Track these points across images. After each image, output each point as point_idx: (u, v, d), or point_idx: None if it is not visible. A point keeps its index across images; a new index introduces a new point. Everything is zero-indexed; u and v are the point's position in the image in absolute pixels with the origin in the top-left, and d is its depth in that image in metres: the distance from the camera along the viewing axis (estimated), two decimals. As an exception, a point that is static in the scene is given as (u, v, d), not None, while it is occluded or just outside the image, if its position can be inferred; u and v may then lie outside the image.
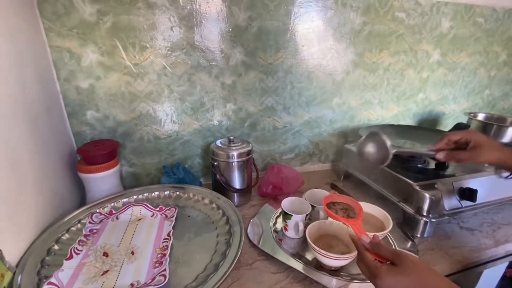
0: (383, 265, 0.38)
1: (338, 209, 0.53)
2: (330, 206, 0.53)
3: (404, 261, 0.36)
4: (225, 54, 0.76)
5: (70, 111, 0.70)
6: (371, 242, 0.41)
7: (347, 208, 0.53)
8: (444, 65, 1.02)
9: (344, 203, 0.55)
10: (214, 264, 0.49)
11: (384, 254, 0.39)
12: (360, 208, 0.51)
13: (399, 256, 0.37)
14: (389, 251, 0.39)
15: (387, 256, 0.38)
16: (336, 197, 0.55)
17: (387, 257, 0.38)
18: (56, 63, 0.66)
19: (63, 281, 0.44)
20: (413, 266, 0.36)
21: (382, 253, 0.39)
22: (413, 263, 0.36)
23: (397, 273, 0.36)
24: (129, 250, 0.52)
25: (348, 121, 0.98)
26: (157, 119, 0.77)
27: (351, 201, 0.54)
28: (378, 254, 0.39)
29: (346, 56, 0.88)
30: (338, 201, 0.55)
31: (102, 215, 0.62)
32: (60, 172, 0.65)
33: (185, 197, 0.71)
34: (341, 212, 0.52)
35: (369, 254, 0.40)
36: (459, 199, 0.66)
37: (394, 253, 0.38)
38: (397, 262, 0.37)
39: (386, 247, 0.40)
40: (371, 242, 0.41)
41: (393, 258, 0.38)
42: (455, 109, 1.13)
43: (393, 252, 0.38)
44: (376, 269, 0.37)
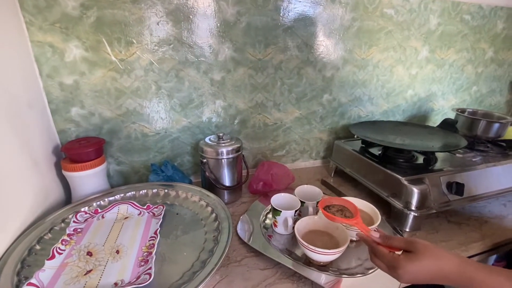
0: (400, 255, 0.38)
1: (334, 211, 0.52)
2: (326, 210, 0.53)
3: (417, 247, 0.38)
4: (214, 49, 0.75)
5: (53, 108, 0.68)
6: (382, 236, 0.42)
7: (342, 209, 0.53)
8: (433, 62, 1.03)
9: (338, 204, 0.54)
10: (201, 261, 0.48)
11: (397, 245, 0.40)
12: (355, 207, 0.51)
13: (411, 243, 0.38)
14: (401, 241, 0.40)
15: (400, 245, 0.39)
16: (331, 200, 0.55)
17: (400, 247, 0.39)
18: (38, 59, 0.64)
19: (43, 282, 0.42)
20: (426, 249, 0.37)
21: (394, 244, 0.40)
22: (425, 247, 0.37)
23: (415, 259, 0.37)
24: (114, 249, 0.51)
25: (339, 118, 0.98)
26: (144, 116, 0.76)
27: (344, 201, 0.54)
28: (391, 245, 0.40)
29: (336, 52, 0.88)
30: (333, 204, 0.54)
31: (87, 214, 0.60)
32: (43, 170, 0.63)
33: (174, 195, 0.70)
34: (338, 213, 0.51)
35: (382, 248, 0.40)
36: (446, 193, 0.67)
37: (406, 241, 0.39)
38: (411, 249, 0.38)
39: (397, 238, 0.41)
40: (382, 235, 0.42)
41: (406, 246, 0.39)
42: (443, 105, 1.14)
43: (405, 240, 0.40)
44: (394, 260, 0.38)
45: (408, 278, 0.38)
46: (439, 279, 0.37)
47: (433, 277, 0.37)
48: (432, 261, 0.37)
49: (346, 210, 0.52)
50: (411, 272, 0.37)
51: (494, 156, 0.80)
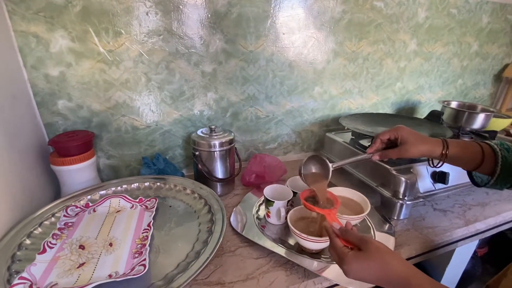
0: (350, 251, 0.39)
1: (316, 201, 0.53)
2: (309, 200, 0.53)
3: (369, 247, 0.38)
4: (205, 41, 0.74)
5: (39, 100, 0.66)
6: (341, 229, 0.42)
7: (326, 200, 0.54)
8: (420, 55, 1.05)
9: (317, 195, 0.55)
10: (196, 251, 0.49)
11: (351, 240, 0.40)
12: (337, 200, 0.53)
13: (364, 242, 0.39)
14: (356, 237, 0.40)
15: (354, 241, 0.40)
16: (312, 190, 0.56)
17: (354, 243, 0.40)
18: (22, 49, 0.61)
19: (35, 276, 0.42)
20: (377, 251, 0.37)
21: (349, 238, 0.40)
22: (377, 248, 0.38)
23: (362, 258, 0.37)
24: (107, 242, 0.50)
25: (329, 110, 0.99)
26: (134, 109, 0.75)
27: (329, 194, 0.55)
28: (346, 240, 0.41)
29: (327, 44, 0.88)
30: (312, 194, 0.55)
31: (78, 208, 0.59)
32: (31, 164, 0.61)
33: (166, 187, 0.69)
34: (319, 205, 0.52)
35: (338, 240, 0.41)
36: (432, 182, 0.70)
37: (360, 238, 0.39)
38: (363, 248, 0.38)
39: (354, 233, 0.41)
40: (341, 228, 0.42)
41: (359, 243, 0.39)
42: (430, 98, 1.17)
43: (360, 238, 0.40)
44: (343, 254, 0.38)
45: (353, 275, 0.38)
46: (384, 282, 0.37)
47: (378, 279, 0.37)
48: (380, 264, 0.37)
49: (328, 202, 0.53)
50: (356, 269, 0.37)
51: (477, 146, 0.83)
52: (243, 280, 0.48)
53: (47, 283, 0.41)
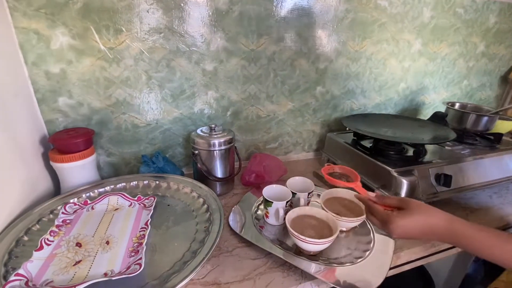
0: (393, 211, 0.42)
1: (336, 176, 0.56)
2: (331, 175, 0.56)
3: (409, 205, 0.41)
4: (206, 39, 0.73)
5: (40, 97, 0.66)
6: (377, 195, 0.45)
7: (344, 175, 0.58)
8: (425, 55, 1.03)
9: (340, 172, 0.59)
10: (192, 251, 0.49)
11: (391, 202, 0.44)
12: (356, 174, 0.55)
13: (405, 201, 0.42)
14: (395, 199, 0.44)
15: (394, 203, 0.43)
16: (333, 167, 0.59)
17: (394, 205, 0.43)
18: (23, 46, 0.61)
19: (32, 273, 0.42)
20: (418, 207, 0.41)
21: (389, 202, 0.44)
22: (417, 205, 0.41)
23: (407, 215, 0.40)
24: (104, 240, 0.50)
25: (331, 110, 0.98)
26: (135, 107, 0.74)
27: (346, 169, 0.59)
28: (385, 204, 0.44)
29: (329, 44, 0.87)
30: (335, 171, 0.59)
31: (77, 205, 0.59)
32: (30, 161, 0.61)
33: (165, 186, 0.69)
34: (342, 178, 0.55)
35: (378, 206, 0.44)
36: (435, 184, 0.68)
37: (399, 200, 0.43)
38: (404, 207, 0.42)
39: (391, 197, 0.45)
40: (377, 195, 0.46)
41: (400, 204, 0.43)
42: (435, 98, 1.15)
43: (399, 199, 0.44)
44: (387, 216, 0.42)
45: (399, 232, 0.41)
46: (429, 234, 0.40)
47: (423, 232, 0.40)
48: (423, 217, 0.40)
49: (348, 176, 0.56)
50: (402, 226, 0.40)
51: (482, 149, 0.82)
52: (240, 281, 0.48)
53: (42, 280, 0.41)
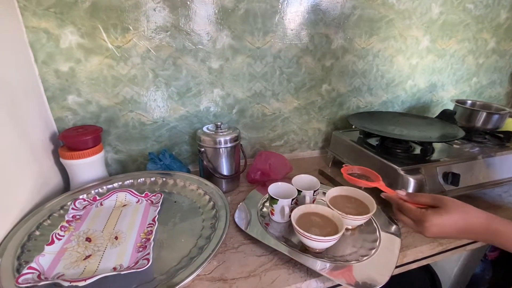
0: (427, 209, 0.40)
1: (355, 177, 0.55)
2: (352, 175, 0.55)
3: (444, 202, 0.39)
4: (212, 37, 0.74)
5: (50, 95, 0.67)
6: (408, 194, 0.43)
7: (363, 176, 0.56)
8: (433, 52, 1.02)
9: (359, 173, 0.58)
10: (199, 247, 0.49)
11: (423, 200, 0.41)
12: (376, 174, 0.53)
13: (439, 199, 0.40)
14: (428, 197, 0.41)
15: (427, 201, 0.41)
16: (352, 168, 0.58)
17: (427, 203, 0.41)
18: (33, 45, 0.62)
19: (43, 266, 0.43)
20: (454, 204, 0.39)
21: (421, 200, 0.42)
22: (453, 202, 0.39)
23: (442, 214, 0.39)
24: (112, 235, 0.51)
25: (337, 108, 0.98)
26: (142, 105, 0.75)
27: (364, 170, 0.57)
28: (417, 202, 0.42)
29: (336, 41, 0.86)
30: (354, 172, 0.57)
31: (86, 201, 0.61)
32: (42, 157, 0.63)
33: (172, 183, 0.70)
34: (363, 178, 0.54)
35: (409, 204, 0.42)
36: (442, 183, 0.68)
37: (433, 197, 0.41)
38: (438, 204, 0.40)
39: (423, 194, 0.42)
40: (408, 193, 0.43)
41: (433, 201, 0.40)
42: (443, 96, 1.14)
43: (432, 196, 0.41)
44: (422, 214, 0.40)
45: (434, 231, 0.39)
46: (465, 233, 0.38)
47: (460, 231, 0.38)
48: (460, 215, 0.38)
49: (368, 177, 0.55)
50: (438, 225, 0.38)
51: (491, 147, 0.81)
52: (245, 277, 0.49)
53: (54, 273, 0.42)
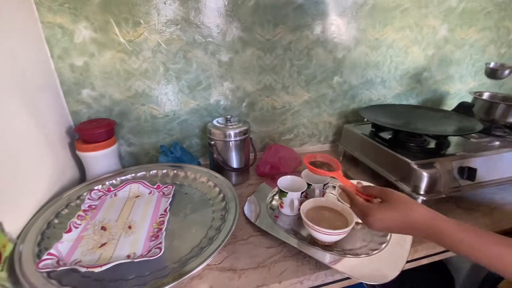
0: (373, 204, 0.41)
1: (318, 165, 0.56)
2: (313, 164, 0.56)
3: (391, 197, 0.40)
4: (221, 29, 0.73)
5: (65, 89, 0.69)
6: (363, 186, 0.44)
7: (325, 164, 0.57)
8: (451, 42, 0.98)
9: (322, 161, 0.58)
10: (209, 238, 0.50)
11: (373, 192, 0.43)
12: (337, 162, 0.54)
13: (386, 192, 0.41)
14: (377, 189, 0.43)
15: (376, 194, 0.42)
16: (315, 156, 0.58)
17: (376, 195, 0.42)
18: (49, 40, 0.64)
19: (62, 252, 0.45)
20: (399, 200, 0.39)
21: (372, 192, 0.43)
22: (399, 197, 0.40)
23: (386, 209, 0.39)
24: (126, 225, 0.53)
25: (349, 101, 0.96)
26: (153, 98, 0.76)
27: (327, 158, 0.58)
28: (368, 193, 0.43)
29: (348, 32, 0.84)
30: (317, 159, 0.58)
31: (101, 192, 0.63)
32: (59, 149, 0.65)
33: (183, 175, 0.71)
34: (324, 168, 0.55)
35: (359, 197, 0.43)
36: (458, 178, 0.66)
37: (381, 190, 0.42)
38: (385, 199, 0.40)
39: (374, 186, 0.44)
40: (361, 185, 0.45)
41: (381, 195, 0.41)
42: (461, 88, 1.09)
43: (381, 189, 0.42)
44: (367, 208, 0.40)
45: (378, 226, 0.39)
46: (409, 229, 0.38)
47: (403, 228, 0.38)
48: (404, 211, 0.38)
49: (329, 165, 0.56)
50: (380, 219, 0.39)
51: (511, 141, 0.77)
52: (255, 268, 0.49)
53: (72, 259, 0.44)
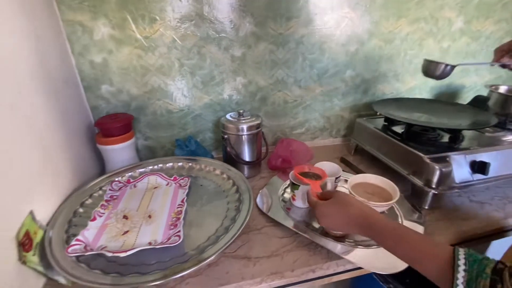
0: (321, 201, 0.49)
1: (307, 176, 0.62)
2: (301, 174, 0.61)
3: (335, 195, 0.48)
4: (235, 24, 0.74)
5: (86, 85, 0.72)
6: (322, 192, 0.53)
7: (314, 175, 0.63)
8: (467, 34, 0.95)
9: (313, 172, 0.63)
10: (224, 227, 0.52)
11: (326, 194, 0.51)
12: (325, 174, 0.61)
13: (333, 192, 0.49)
14: (329, 192, 0.51)
15: (326, 195, 0.51)
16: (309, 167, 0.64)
17: (327, 196, 0.50)
18: (70, 37, 0.67)
19: (88, 239, 0.49)
20: (340, 197, 0.46)
21: (324, 195, 0.51)
22: (340, 195, 0.47)
23: (328, 203, 0.47)
24: (146, 214, 0.56)
25: (361, 95, 0.96)
26: (168, 93, 0.79)
27: (319, 170, 0.63)
28: (322, 197, 0.51)
29: (361, 25, 0.84)
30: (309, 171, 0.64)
31: (121, 183, 0.66)
32: (81, 143, 0.69)
33: (198, 168, 0.74)
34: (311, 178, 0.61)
35: (314, 197, 0.52)
36: (471, 172, 0.66)
37: (331, 192, 0.51)
38: (331, 196, 0.48)
39: (328, 191, 0.53)
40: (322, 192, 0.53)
41: (330, 195, 0.49)
42: (476, 81, 1.07)
43: (330, 191, 0.51)
44: (316, 203, 0.49)
45: (324, 221, 0.47)
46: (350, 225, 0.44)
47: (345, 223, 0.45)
48: (342, 206, 0.45)
49: (317, 175, 0.62)
50: (323, 214, 0.47)
51: (527, 136, 0.76)
52: (268, 256, 0.51)
53: (98, 245, 0.48)
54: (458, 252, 0.33)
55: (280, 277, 0.48)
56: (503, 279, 0.29)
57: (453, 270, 0.32)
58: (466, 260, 0.32)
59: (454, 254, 0.33)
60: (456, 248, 0.34)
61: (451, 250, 0.34)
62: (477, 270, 0.31)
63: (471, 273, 0.31)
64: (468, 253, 0.33)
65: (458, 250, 0.33)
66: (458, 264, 0.32)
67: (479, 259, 0.32)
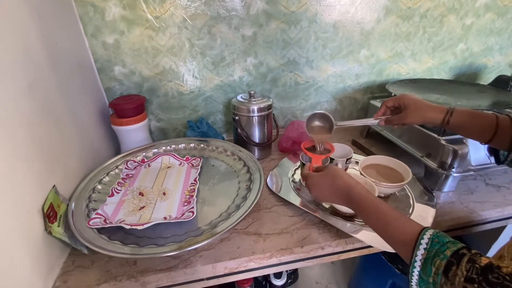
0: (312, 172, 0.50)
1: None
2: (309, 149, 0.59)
3: (327, 168, 0.48)
4: (245, 2, 0.73)
5: (99, 67, 0.73)
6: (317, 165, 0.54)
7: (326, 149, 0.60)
8: (493, 9, 0.89)
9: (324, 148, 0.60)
10: (236, 205, 0.54)
11: (320, 169, 0.51)
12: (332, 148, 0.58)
13: (326, 166, 0.51)
14: (324, 166, 0.52)
15: (319, 169, 0.51)
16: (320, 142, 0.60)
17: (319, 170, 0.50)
18: (82, 18, 0.67)
19: (107, 213, 0.51)
20: (332, 170, 0.47)
21: (319, 169, 0.52)
22: (332, 168, 0.48)
23: (318, 175, 0.48)
24: (161, 191, 0.58)
25: (376, 76, 0.93)
26: (179, 75, 0.79)
27: (329, 145, 0.59)
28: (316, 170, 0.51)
29: (378, 1, 0.80)
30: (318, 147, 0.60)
31: (136, 162, 0.68)
32: (96, 124, 0.71)
33: (209, 149, 0.75)
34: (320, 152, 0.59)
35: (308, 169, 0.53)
36: (488, 155, 0.64)
37: (324, 166, 0.52)
38: (323, 170, 0.49)
39: (323, 165, 0.54)
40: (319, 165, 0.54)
41: (322, 168, 0.51)
42: (500, 61, 1.01)
43: (324, 166, 0.53)
44: (308, 175, 0.50)
45: (315, 192, 0.47)
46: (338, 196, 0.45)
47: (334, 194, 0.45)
48: (331, 177, 0.46)
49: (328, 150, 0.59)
50: (312, 182, 0.48)
51: (553, 117, 0.72)
52: (278, 233, 0.53)
53: (116, 219, 0.50)
54: (425, 232, 0.33)
55: (289, 252, 0.49)
56: (460, 263, 0.28)
57: (414, 247, 0.32)
58: (430, 240, 0.32)
59: (420, 233, 0.33)
60: (425, 228, 0.34)
61: (420, 229, 0.34)
62: (437, 251, 0.31)
63: (430, 252, 0.31)
64: (436, 235, 0.32)
65: (426, 230, 0.33)
66: (421, 242, 0.32)
67: (445, 242, 0.31)
